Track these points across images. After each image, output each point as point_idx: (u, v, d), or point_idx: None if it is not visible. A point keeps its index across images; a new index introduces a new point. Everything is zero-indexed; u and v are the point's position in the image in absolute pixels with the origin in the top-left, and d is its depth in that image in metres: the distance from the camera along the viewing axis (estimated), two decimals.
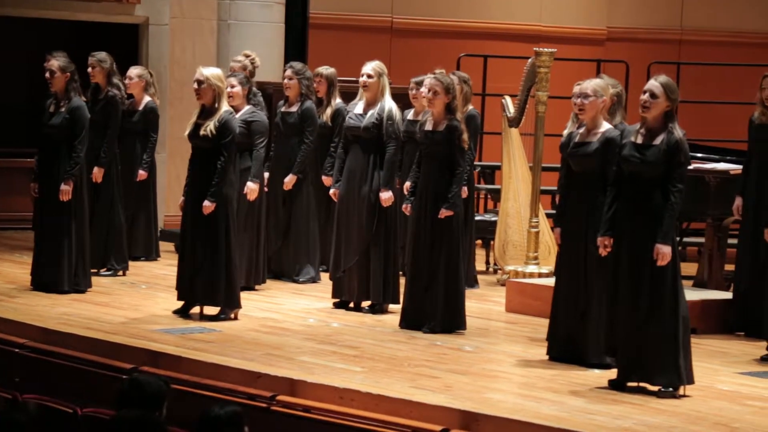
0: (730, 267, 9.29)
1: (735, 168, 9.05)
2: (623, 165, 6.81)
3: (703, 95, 12.26)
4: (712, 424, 6.16)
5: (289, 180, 9.90)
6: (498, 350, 7.85)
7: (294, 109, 10.00)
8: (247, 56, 10.19)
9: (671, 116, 6.77)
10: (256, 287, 9.49)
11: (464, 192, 9.48)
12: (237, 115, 9.05)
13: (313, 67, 10.48)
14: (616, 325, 6.82)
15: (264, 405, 6.29)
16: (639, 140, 6.79)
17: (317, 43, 12.72)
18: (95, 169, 9.73)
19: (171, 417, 4.94)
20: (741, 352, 7.96)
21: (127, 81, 10.38)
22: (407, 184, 8.79)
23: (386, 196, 8.75)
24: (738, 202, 8.63)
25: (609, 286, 6.93)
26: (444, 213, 8.19)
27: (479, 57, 12.31)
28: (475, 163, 10.22)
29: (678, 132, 6.71)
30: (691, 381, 6.70)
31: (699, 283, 9.20)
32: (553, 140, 9.55)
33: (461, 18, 13.40)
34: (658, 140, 6.74)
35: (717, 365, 7.49)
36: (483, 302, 9.51)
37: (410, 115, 9.95)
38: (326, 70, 10.26)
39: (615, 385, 6.85)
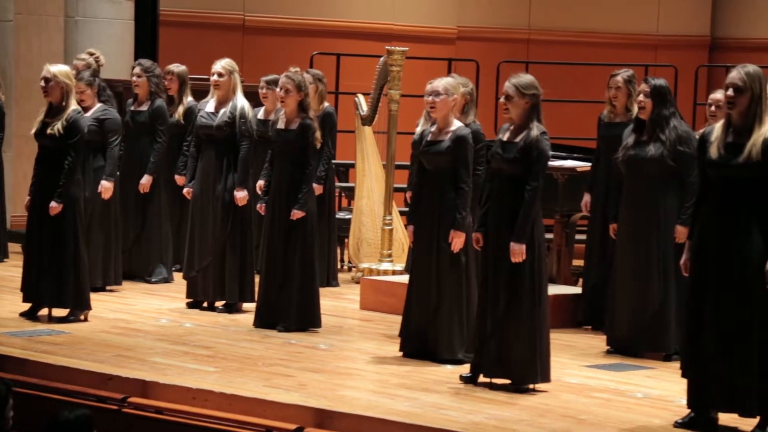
0: (578, 262, 9.48)
1: (583, 165, 9.24)
2: (492, 161, 6.90)
3: (551, 94, 12.37)
4: (559, 416, 6.29)
5: (146, 181, 9.77)
6: (352, 348, 7.87)
7: (144, 107, 9.88)
8: (91, 54, 10.02)
9: (534, 114, 6.85)
10: (110, 288, 9.34)
11: (319, 189, 9.49)
12: (89, 113, 8.91)
13: (165, 64, 10.36)
14: (481, 322, 6.89)
15: (115, 407, 6.21)
16: (505, 137, 6.89)
17: (168, 41, 12.58)
18: None
19: (19, 422, 4.83)
20: (588, 346, 8.14)
21: None
22: (260, 183, 8.76)
23: (241, 195, 8.70)
24: (586, 198, 8.81)
25: (478, 282, 7.01)
26: (296, 214, 8.19)
27: (332, 55, 12.33)
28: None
29: (536, 130, 6.80)
30: (546, 378, 6.80)
31: (548, 279, 9.35)
32: (406, 138, 9.62)
33: (314, 16, 13.40)
34: (519, 138, 6.84)
35: (565, 359, 7.64)
36: (337, 300, 9.53)
37: (260, 114, 9.92)
38: (177, 67, 10.17)
39: (467, 380, 6.93)
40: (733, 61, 10.30)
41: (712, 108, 7.91)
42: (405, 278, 8.11)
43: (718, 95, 7.70)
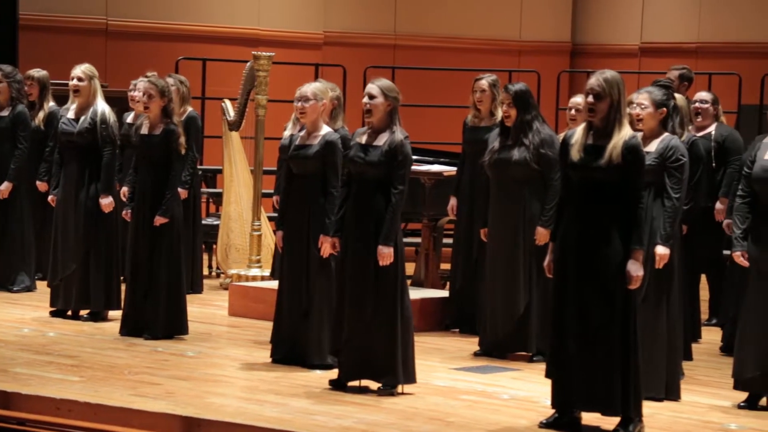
0: (445, 266, 9.57)
1: (449, 170, 9.33)
2: (350, 166, 6.91)
3: (417, 99, 12.58)
4: (427, 419, 6.34)
5: (5, 188, 9.58)
6: (221, 354, 7.82)
7: (5, 113, 9.69)
8: None
9: (395, 117, 6.89)
10: None
11: (184, 194, 9.40)
12: None
13: (25, 69, 10.17)
14: (342, 326, 6.89)
15: None
16: (364, 140, 6.91)
17: (28, 45, 12.33)
18: None
19: None
20: (456, 348, 8.22)
21: None
22: (124, 189, 8.65)
23: (106, 202, 8.59)
24: (452, 202, 8.90)
25: (336, 286, 7.02)
26: (159, 220, 8.12)
27: (198, 60, 12.24)
28: (197, 166, 10.15)
29: (400, 134, 6.84)
30: (412, 380, 6.85)
31: (416, 282, 9.44)
32: (274, 143, 9.60)
33: (179, 21, 13.28)
34: (381, 141, 6.87)
35: (433, 362, 7.70)
36: (206, 307, 9.46)
37: (130, 118, 9.81)
38: (38, 72, 10.00)
39: (336, 385, 6.94)
40: (593, 67, 10.55)
41: (573, 112, 8.07)
42: (274, 284, 8.09)
43: (579, 99, 7.86)
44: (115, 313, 8.56)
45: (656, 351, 6.79)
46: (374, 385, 6.86)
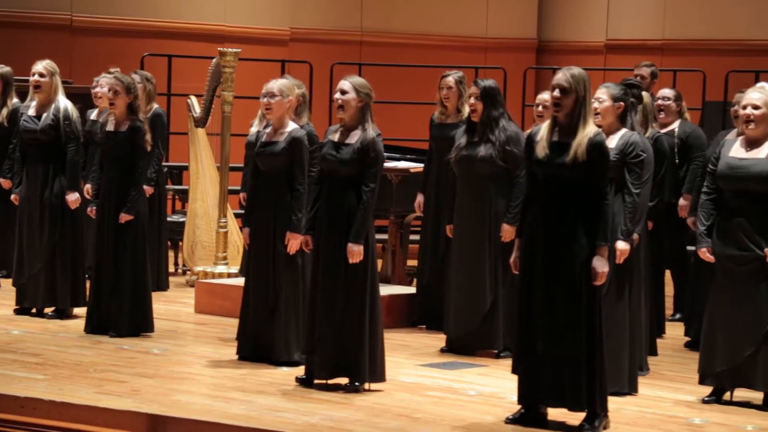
0: (412, 262, 9.58)
1: (416, 166, 9.34)
2: (322, 164, 6.90)
3: (384, 95, 12.52)
4: (394, 415, 6.34)
5: None
6: (187, 352, 7.80)
7: None
8: None
9: (367, 114, 6.88)
10: None
11: (150, 190, 9.36)
12: None
13: None
14: (314, 324, 6.88)
15: None
16: (337, 138, 6.90)
17: None
18: None
19: None
20: (423, 345, 8.23)
21: None
22: (88, 186, 8.61)
23: (72, 198, 8.54)
24: (419, 198, 8.91)
25: (310, 285, 7.00)
26: (124, 217, 8.08)
27: (163, 56, 12.19)
28: (163, 163, 10.11)
29: (372, 131, 6.84)
30: (381, 378, 6.85)
31: (383, 279, 9.43)
32: (240, 140, 9.57)
33: (144, 17, 13.22)
34: (353, 139, 6.86)
35: (400, 358, 7.71)
36: (172, 304, 9.43)
37: (93, 114, 9.76)
38: (2, 69, 9.94)
39: (303, 382, 6.93)
40: (559, 64, 10.59)
41: (540, 108, 8.09)
42: (240, 281, 8.07)
43: (545, 96, 7.88)
44: (81, 311, 8.51)
45: (619, 346, 6.83)
46: (342, 382, 6.85)
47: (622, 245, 6.80)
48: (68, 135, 8.55)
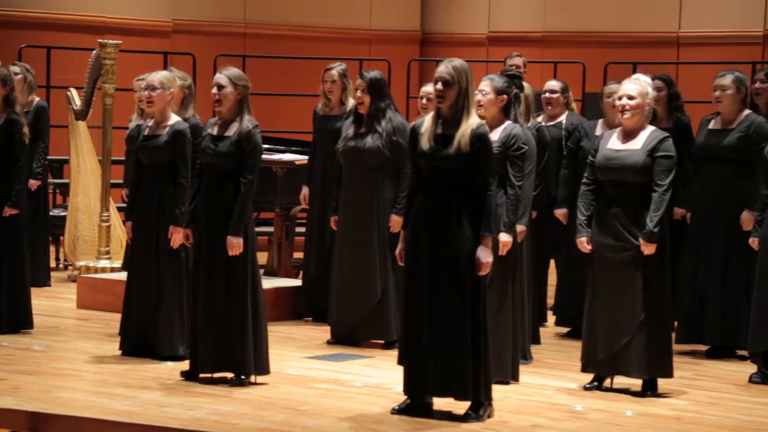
0: (298, 255, 9.57)
1: (300, 158, 9.33)
2: (201, 157, 6.85)
3: (268, 87, 12.53)
4: (281, 408, 6.33)
5: None
6: (69, 348, 7.69)
7: None
8: None
9: (244, 106, 6.84)
10: None
11: (35, 184, 9.21)
12: None
13: None
14: (196, 318, 6.83)
15: None
16: (215, 132, 6.85)
17: None
18: None
19: None
20: (309, 337, 8.22)
21: None
22: None
23: None
24: (305, 191, 8.90)
25: (192, 279, 6.95)
26: (8, 211, 7.94)
27: (42, 48, 11.97)
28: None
29: (248, 123, 6.80)
30: (266, 371, 6.82)
31: (269, 272, 9.41)
32: (122, 133, 9.46)
33: (22, 7, 12.96)
34: (231, 131, 6.82)
35: (287, 351, 7.69)
36: (53, 300, 9.29)
37: None
38: None
39: (188, 377, 6.87)
40: (442, 56, 10.65)
41: (424, 101, 8.12)
42: (123, 275, 7.98)
43: (429, 88, 7.92)
44: None
45: (502, 336, 6.90)
46: (227, 376, 6.82)
47: (504, 237, 6.86)
48: None
